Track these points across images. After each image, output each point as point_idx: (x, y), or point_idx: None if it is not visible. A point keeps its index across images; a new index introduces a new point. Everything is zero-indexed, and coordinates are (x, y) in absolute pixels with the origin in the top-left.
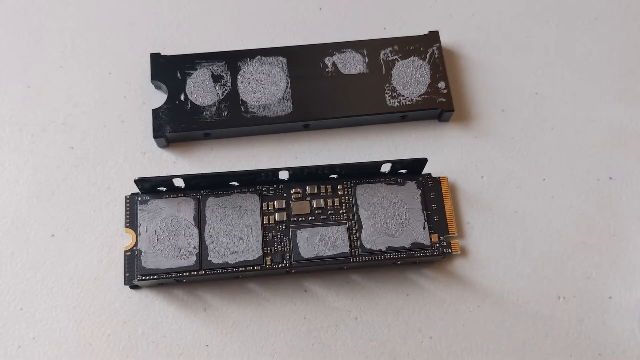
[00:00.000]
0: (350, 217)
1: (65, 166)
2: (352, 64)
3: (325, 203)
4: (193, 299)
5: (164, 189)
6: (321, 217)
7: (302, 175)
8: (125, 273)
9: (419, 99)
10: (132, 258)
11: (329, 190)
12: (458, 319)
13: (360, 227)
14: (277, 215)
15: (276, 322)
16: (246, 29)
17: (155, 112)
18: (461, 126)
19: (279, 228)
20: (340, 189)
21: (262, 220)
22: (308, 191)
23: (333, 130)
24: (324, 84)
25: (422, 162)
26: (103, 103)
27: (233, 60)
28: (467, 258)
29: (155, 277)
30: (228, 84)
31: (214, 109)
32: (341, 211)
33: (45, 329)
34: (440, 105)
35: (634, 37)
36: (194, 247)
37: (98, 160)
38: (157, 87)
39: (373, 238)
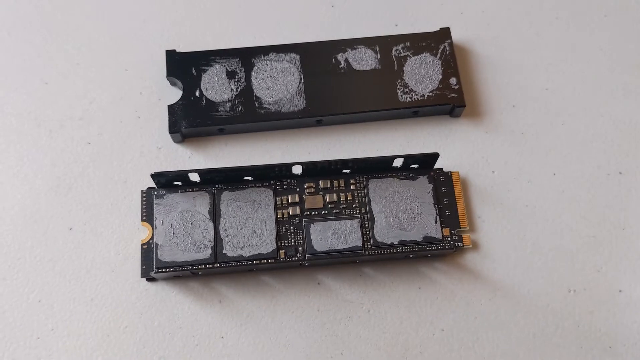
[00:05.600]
0: (363, 211)
1: (83, 161)
2: (364, 60)
3: (338, 197)
4: (208, 292)
5: (179, 183)
6: (334, 211)
7: (315, 170)
8: (141, 266)
9: (430, 94)
10: (148, 251)
11: (342, 184)
12: (469, 312)
13: (373, 221)
14: (290, 209)
15: (290, 314)
16: (260, 26)
17: (170, 107)
18: (472, 121)
19: (293, 222)
20: (352, 184)
21: (276, 214)
22: (321, 185)
23: (346, 125)
24: (337, 80)
25: (434, 157)
26: (119, 99)
27: (247, 56)
28: (479, 251)
29: (171, 269)
30: (242, 80)
31: (228, 104)
32: (354, 205)
33: (63, 320)
34: (452, 100)
35: None
36: (209, 241)
37: (115, 155)
38: (173, 84)
39: (385, 232)
